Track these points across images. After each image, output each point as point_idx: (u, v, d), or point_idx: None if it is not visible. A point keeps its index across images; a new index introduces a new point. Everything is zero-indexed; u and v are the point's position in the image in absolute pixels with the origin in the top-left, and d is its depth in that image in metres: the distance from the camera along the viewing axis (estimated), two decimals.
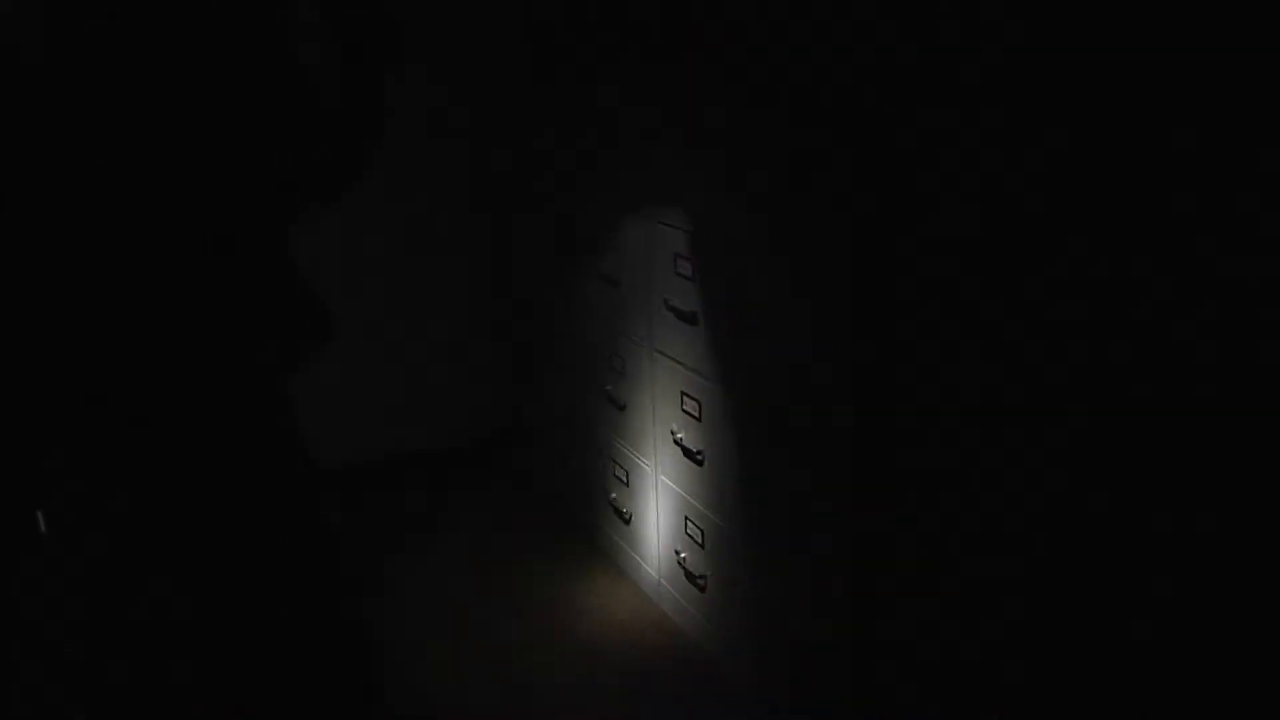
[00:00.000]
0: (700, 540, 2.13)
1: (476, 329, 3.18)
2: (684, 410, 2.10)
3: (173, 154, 1.08)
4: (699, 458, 2.08)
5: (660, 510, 2.29)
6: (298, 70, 1.14)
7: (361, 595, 1.46)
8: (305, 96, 1.15)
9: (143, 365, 1.13)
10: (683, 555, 2.21)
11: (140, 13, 1.04)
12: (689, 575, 2.19)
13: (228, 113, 1.09)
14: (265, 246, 1.20)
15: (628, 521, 2.45)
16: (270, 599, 1.25)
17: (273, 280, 1.20)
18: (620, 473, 2.46)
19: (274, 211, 1.19)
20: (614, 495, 2.50)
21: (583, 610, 2.39)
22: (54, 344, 1.11)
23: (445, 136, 2.95)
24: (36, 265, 1.09)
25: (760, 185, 1.77)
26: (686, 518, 2.17)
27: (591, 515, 2.68)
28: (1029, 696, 1.46)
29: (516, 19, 2.76)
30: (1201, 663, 1.23)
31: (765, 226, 1.77)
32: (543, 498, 2.95)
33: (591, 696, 2.07)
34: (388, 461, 3.08)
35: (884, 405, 1.61)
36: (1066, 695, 1.40)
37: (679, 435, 2.13)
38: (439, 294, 3.09)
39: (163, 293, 1.12)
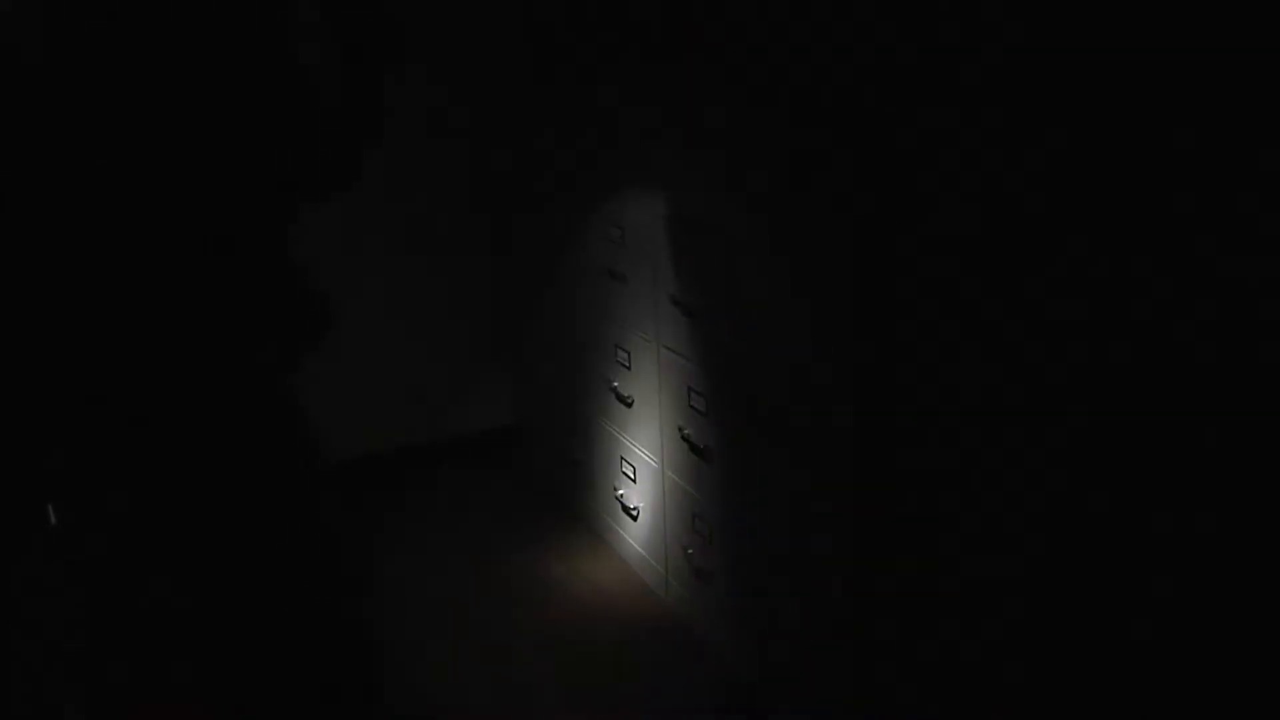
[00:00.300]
0: (708, 536, 2.13)
1: (479, 326, 3.18)
2: (691, 406, 2.10)
3: (173, 154, 1.08)
4: (706, 453, 2.07)
5: (668, 506, 2.29)
6: (298, 70, 1.14)
7: (361, 595, 1.46)
8: (305, 96, 1.15)
9: (143, 365, 1.13)
10: (690, 551, 2.20)
11: (140, 13, 1.04)
12: (696, 571, 2.19)
13: (228, 113, 1.09)
14: (265, 246, 1.19)
15: (635, 518, 2.45)
16: (270, 598, 1.25)
17: (272, 280, 1.20)
18: (627, 469, 2.46)
19: (274, 211, 1.19)
20: (621, 491, 2.50)
21: (588, 607, 2.39)
22: (54, 344, 1.11)
23: (445, 136, 2.95)
24: (37, 265, 1.08)
25: (760, 185, 1.76)
26: (694, 514, 2.17)
27: (598, 511, 2.68)
28: (1029, 696, 1.46)
29: (516, 19, 2.76)
30: (1201, 663, 1.23)
31: (765, 226, 1.77)
32: (548, 495, 2.95)
33: (595, 696, 2.08)
34: (389, 460, 3.08)
35: (884, 405, 1.61)
36: (1067, 695, 1.40)
37: (686, 431, 2.13)
38: (440, 292, 3.09)
39: (163, 292, 1.11)
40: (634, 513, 2.44)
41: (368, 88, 1.21)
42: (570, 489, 2.83)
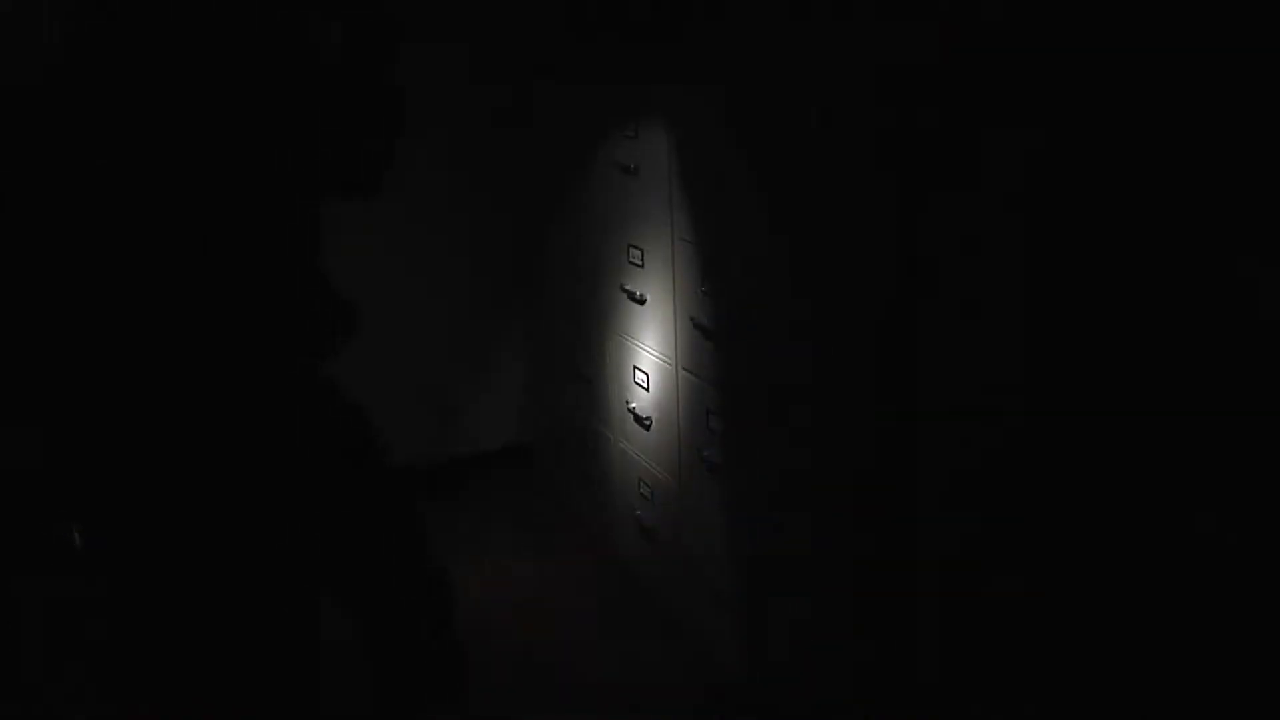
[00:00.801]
0: (723, 554, 2.11)
1: (495, 343, 3.18)
2: (709, 428, 2.09)
3: (192, 153, 1.07)
4: (722, 471, 2.07)
5: (684, 523, 2.28)
6: (305, 69, 1.14)
7: (448, 592, 1.47)
8: (310, 95, 1.14)
9: (175, 369, 1.13)
10: (706, 569, 2.19)
11: (142, 14, 1.04)
12: (713, 590, 2.17)
13: (243, 113, 1.09)
14: (295, 250, 1.20)
15: (652, 536, 2.44)
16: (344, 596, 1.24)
17: (302, 283, 1.21)
18: (645, 489, 2.45)
19: (275, 212, 1.18)
20: (639, 512, 2.49)
21: (602, 625, 2.39)
22: (91, 350, 1.12)
23: (468, 145, 2.98)
24: (76, 271, 1.09)
25: (779, 198, 1.77)
26: (711, 531, 2.16)
27: (616, 532, 2.68)
28: (1029, 696, 1.44)
29: (558, 13, 2.76)
30: (1202, 663, 1.22)
31: (787, 246, 1.77)
32: (565, 513, 2.95)
33: (598, 696, 2.09)
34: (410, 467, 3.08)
35: (892, 408, 1.61)
36: (1069, 695, 1.38)
37: (705, 452, 2.12)
38: (454, 302, 3.11)
39: (194, 296, 1.12)
40: (651, 531, 2.44)
41: (373, 86, 1.20)
42: (586, 506, 2.83)
